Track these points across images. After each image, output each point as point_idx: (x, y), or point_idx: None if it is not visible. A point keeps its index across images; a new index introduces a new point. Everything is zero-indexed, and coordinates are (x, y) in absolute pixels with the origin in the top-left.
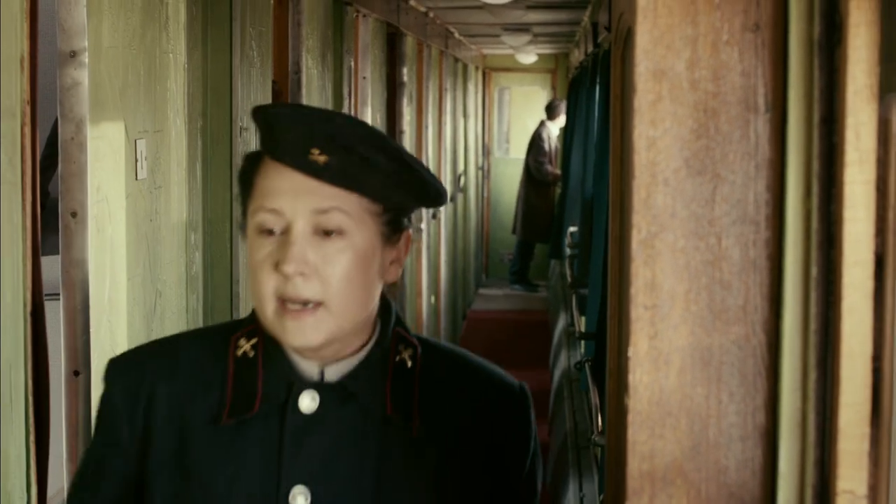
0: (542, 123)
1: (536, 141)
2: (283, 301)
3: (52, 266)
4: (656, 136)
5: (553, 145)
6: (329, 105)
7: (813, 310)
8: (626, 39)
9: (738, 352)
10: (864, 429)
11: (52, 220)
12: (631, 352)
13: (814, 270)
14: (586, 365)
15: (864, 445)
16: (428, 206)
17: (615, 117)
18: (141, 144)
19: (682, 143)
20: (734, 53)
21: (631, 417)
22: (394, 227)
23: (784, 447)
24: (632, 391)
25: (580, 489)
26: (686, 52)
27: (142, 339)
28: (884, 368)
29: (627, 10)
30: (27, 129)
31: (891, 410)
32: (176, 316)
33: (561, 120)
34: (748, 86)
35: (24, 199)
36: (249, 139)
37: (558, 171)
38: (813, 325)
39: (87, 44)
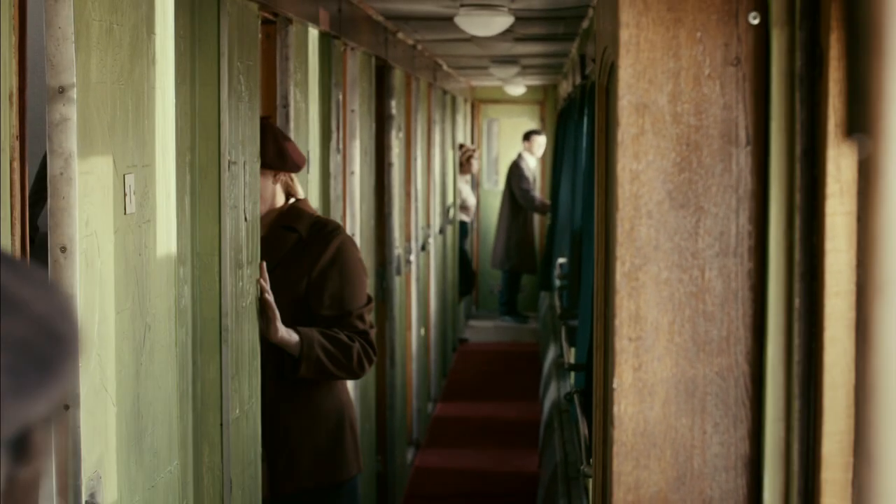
0: (519, 155)
1: (515, 170)
2: None
3: None
4: (639, 169)
5: (532, 175)
6: (316, 139)
7: (796, 340)
8: (610, 73)
9: (721, 382)
10: (848, 458)
11: (41, 254)
12: (615, 383)
13: (796, 301)
14: (575, 396)
15: (848, 475)
16: None
17: (600, 150)
18: (129, 179)
19: (665, 176)
20: (716, 87)
21: (616, 448)
22: None
23: (768, 477)
24: (616, 422)
25: None
26: (668, 86)
27: (131, 373)
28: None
29: (611, 45)
30: (16, 164)
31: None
32: (165, 349)
33: (536, 147)
34: (730, 119)
35: (12, 234)
36: (238, 172)
37: (547, 200)
38: (796, 356)
39: (75, 79)
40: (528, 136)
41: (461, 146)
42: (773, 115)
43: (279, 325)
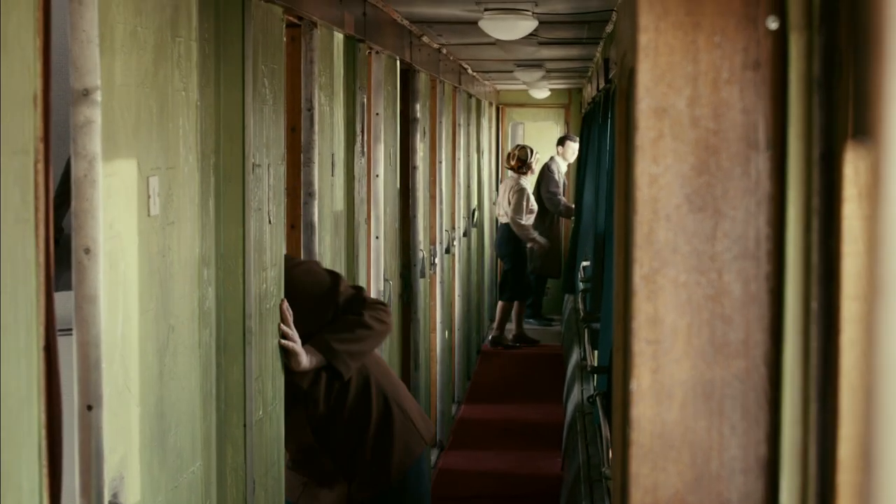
0: (551, 158)
1: (546, 173)
2: None
3: (66, 301)
4: (658, 173)
5: (562, 179)
6: (341, 142)
7: (813, 343)
8: (630, 77)
9: (739, 385)
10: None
11: (66, 256)
12: (634, 385)
13: (814, 305)
14: (598, 399)
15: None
16: None
17: (619, 154)
18: (153, 181)
19: (684, 180)
20: (735, 91)
21: (634, 450)
22: None
23: (786, 479)
24: (634, 424)
25: None
26: (687, 90)
27: (154, 374)
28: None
29: (630, 49)
30: (40, 167)
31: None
32: (189, 351)
33: (569, 152)
34: (748, 123)
35: (37, 236)
36: (262, 175)
37: (572, 205)
38: (813, 359)
39: (99, 82)
40: (562, 142)
41: (522, 148)
42: (792, 119)
43: (302, 356)
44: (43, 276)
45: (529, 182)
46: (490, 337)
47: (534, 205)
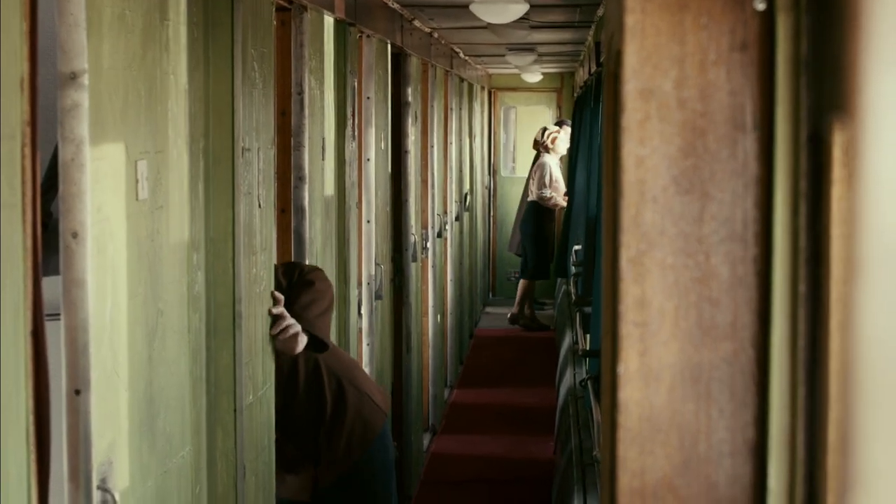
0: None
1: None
2: None
3: (54, 286)
4: (644, 155)
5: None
6: (332, 126)
7: (801, 326)
8: (616, 59)
9: (727, 368)
10: None
11: (54, 240)
12: (621, 368)
13: (802, 287)
14: (589, 382)
15: None
16: None
17: (607, 136)
18: (142, 165)
19: (671, 162)
20: (722, 73)
21: (621, 434)
22: None
23: (773, 463)
24: (622, 408)
25: None
26: (674, 72)
27: (143, 359)
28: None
29: (617, 31)
30: (27, 151)
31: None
32: (178, 335)
33: (560, 145)
34: (736, 105)
35: (24, 221)
36: (251, 159)
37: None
38: (801, 342)
39: (87, 65)
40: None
41: (544, 128)
42: (779, 100)
43: (302, 336)
44: (30, 261)
45: (551, 158)
46: (508, 314)
47: (557, 177)
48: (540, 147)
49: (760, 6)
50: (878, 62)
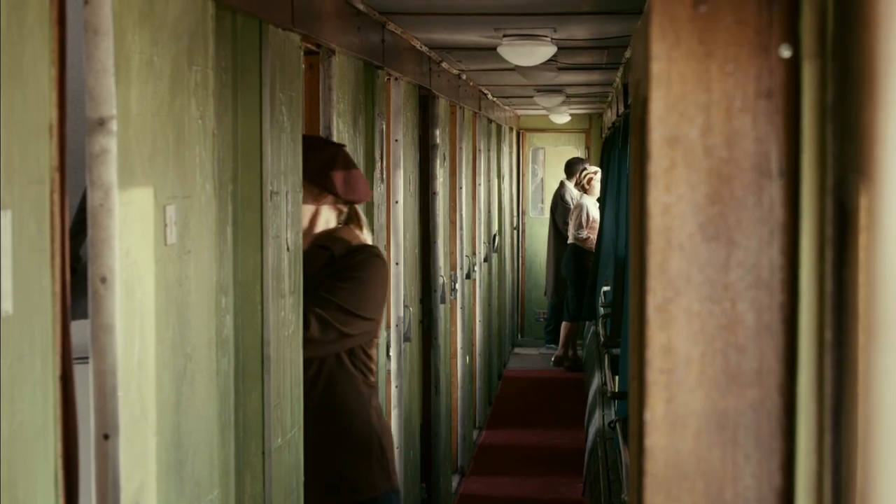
0: (561, 184)
1: (559, 203)
2: None
3: (83, 330)
4: (671, 202)
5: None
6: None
7: (827, 373)
8: (643, 106)
9: (753, 415)
10: None
11: (83, 284)
12: (647, 415)
13: (828, 334)
14: (618, 424)
15: None
16: None
17: (634, 183)
18: (170, 210)
19: (697, 209)
20: (747, 120)
21: (648, 480)
22: None
23: None
24: (648, 454)
25: None
26: (700, 119)
27: (171, 402)
28: None
29: (643, 78)
30: (56, 196)
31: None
32: (206, 379)
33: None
34: (761, 152)
35: (52, 265)
36: (280, 203)
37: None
38: (828, 389)
39: (115, 111)
40: (569, 165)
41: (583, 169)
42: (805, 147)
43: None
44: (59, 306)
45: (588, 199)
46: (553, 357)
47: (595, 217)
48: (577, 185)
49: (786, 53)
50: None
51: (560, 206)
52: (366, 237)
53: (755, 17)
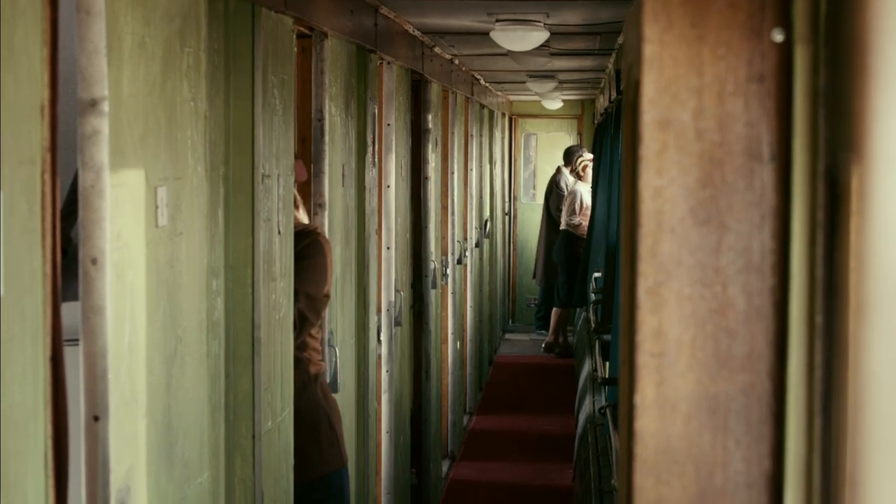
0: (558, 170)
1: (554, 189)
2: None
3: (75, 312)
4: (662, 185)
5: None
6: (353, 151)
7: (818, 357)
8: (635, 89)
9: (744, 399)
10: None
11: (74, 266)
12: (637, 399)
13: (818, 318)
14: (608, 410)
15: None
16: None
17: (626, 166)
18: (161, 192)
19: (688, 192)
20: (739, 104)
21: (637, 464)
22: None
23: (790, 494)
24: (638, 438)
25: None
26: (691, 103)
27: (162, 385)
28: None
29: (635, 62)
30: (47, 177)
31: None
32: (196, 361)
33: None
34: (753, 136)
35: (44, 246)
36: (271, 186)
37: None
38: (818, 373)
39: (107, 92)
40: (568, 153)
41: (579, 156)
42: (797, 131)
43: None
44: (49, 287)
45: (582, 185)
46: (543, 343)
47: (588, 204)
48: (571, 172)
49: (778, 37)
50: (887, 102)
51: (555, 193)
52: (302, 216)
53: (747, 1)
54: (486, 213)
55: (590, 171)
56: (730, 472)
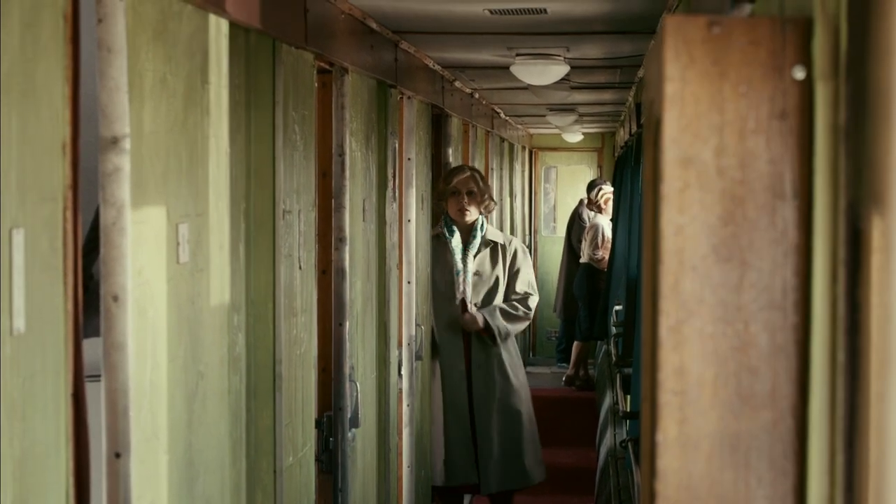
0: (580, 202)
1: (577, 221)
2: None
3: (96, 348)
4: (684, 223)
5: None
6: (373, 186)
7: (840, 395)
8: (656, 126)
9: (766, 437)
10: None
11: (96, 302)
12: (660, 437)
13: (840, 356)
14: (630, 444)
15: None
16: None
17: (647, 203)
18: (183, 228)
19: (710, 230)
20: (761, 141)
21: (659, 503)
22: None
23: None
24: (660, 476)
25: None
26: (713, 140)
27: (183, 421)
28: None
29: (656, 99)
30: (69, 214)
31: None
32: (218, 397)
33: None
34: (775, 173)
35: (65, 283)
36: (292, 221)
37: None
38: (840, 411)
39: (128, 130)
40: (591, 186)
41: (599, 189)
42: (818, 168)
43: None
44: (71, 324)
45: (602, 219)
46: (563, 377)
47: (609, 237)
48: (591, 205)
49: (800, 75)
50: None
51: (577, 224)
52: None
53: (769, 38)
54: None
55: (611, 205)
56: None
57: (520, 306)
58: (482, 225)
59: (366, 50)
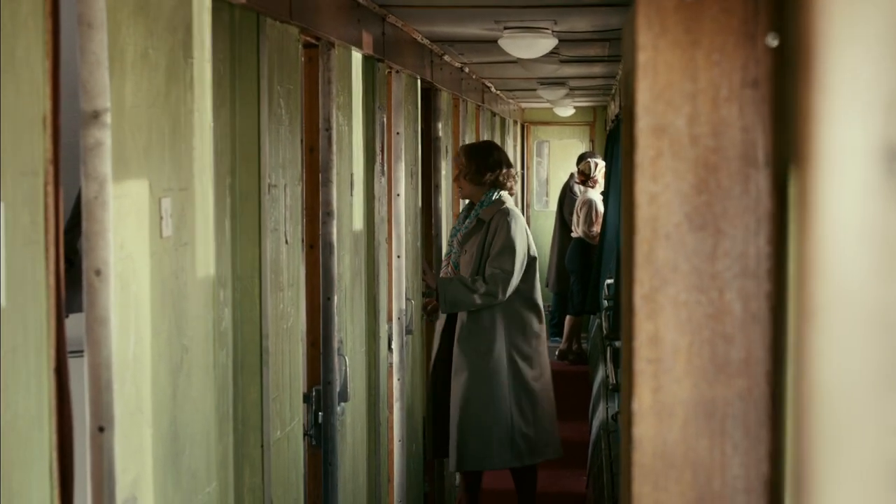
0: (571, 176)
1: (568, 194)
2: None
3: (82, 323)
4: (657, 192)
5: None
6: (361, 161)
7: None
8: (631, 96)
9: (741, 404)
10: None
11: (81, 277)
12: (635, 405)
13: None
14: (620, 417)
15: None
16: None
17: (624, 172)
18: (165, 202)
19: (683, 198)
20: (734, 109)
21: (635, 470)
22: None
23: (788, 498)
24: (636, 444)
25: None
26: (686, 109)
27: (167, 395)
28: None
29: (631, 69)
30: (50, 188)
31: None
32: (203, 372)
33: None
34: (748, 141)
35: (47, 258)
36: (278, 195)
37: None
38: None
39: (109, 104)
40: (581, 158)
41: (585, 157)
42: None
43: None
44: (53, 298)
45: (594, 193)
46: (556, 350)
47: (601, 211)
48: (584, 181)
49: (772, 42)
50: (827, 106)
51: (568, 197)
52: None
53: (741, 6)
54: None
55: (599, 177)
56: (728, 478)
57: (481, 283)
58: (484, 202)
59: (353, 24)
